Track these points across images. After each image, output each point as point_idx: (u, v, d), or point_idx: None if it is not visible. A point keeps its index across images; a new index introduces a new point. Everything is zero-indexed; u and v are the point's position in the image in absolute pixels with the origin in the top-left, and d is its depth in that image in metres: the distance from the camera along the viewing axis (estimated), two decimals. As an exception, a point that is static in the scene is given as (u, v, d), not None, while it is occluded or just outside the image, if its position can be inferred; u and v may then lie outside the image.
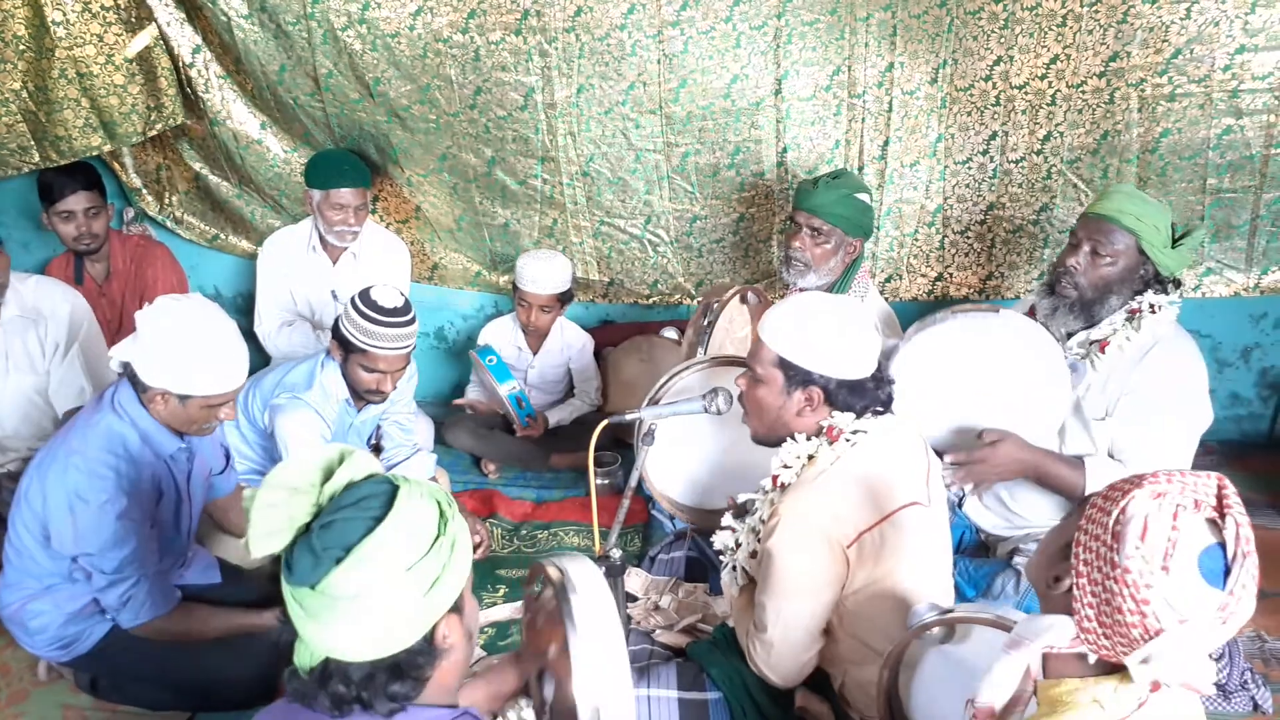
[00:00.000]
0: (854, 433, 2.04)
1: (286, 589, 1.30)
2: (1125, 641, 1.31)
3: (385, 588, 1.26)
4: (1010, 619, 1.73)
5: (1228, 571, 1.29)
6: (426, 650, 1.33)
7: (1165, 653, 1.29)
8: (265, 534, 1.29)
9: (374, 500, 1.31)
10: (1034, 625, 1.42)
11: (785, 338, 2.05)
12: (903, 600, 1.98)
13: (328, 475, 1.33)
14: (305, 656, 1.33)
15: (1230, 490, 1.34)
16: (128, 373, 2.29)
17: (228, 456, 2.76)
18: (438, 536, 1.32)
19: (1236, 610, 1.30)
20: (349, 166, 3.63)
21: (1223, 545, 1.29)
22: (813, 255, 3.05)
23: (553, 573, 1.60)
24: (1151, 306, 2.54)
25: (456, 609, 1.37)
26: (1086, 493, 2.44)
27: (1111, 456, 2.56)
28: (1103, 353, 2.57)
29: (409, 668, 1.32)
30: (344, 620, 1.26)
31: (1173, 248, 2.54)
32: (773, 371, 2.07)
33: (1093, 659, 1.37)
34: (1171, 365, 2.53)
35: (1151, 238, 2.50)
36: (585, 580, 1.58)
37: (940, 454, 2.54)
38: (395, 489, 1.33)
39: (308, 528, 1.30)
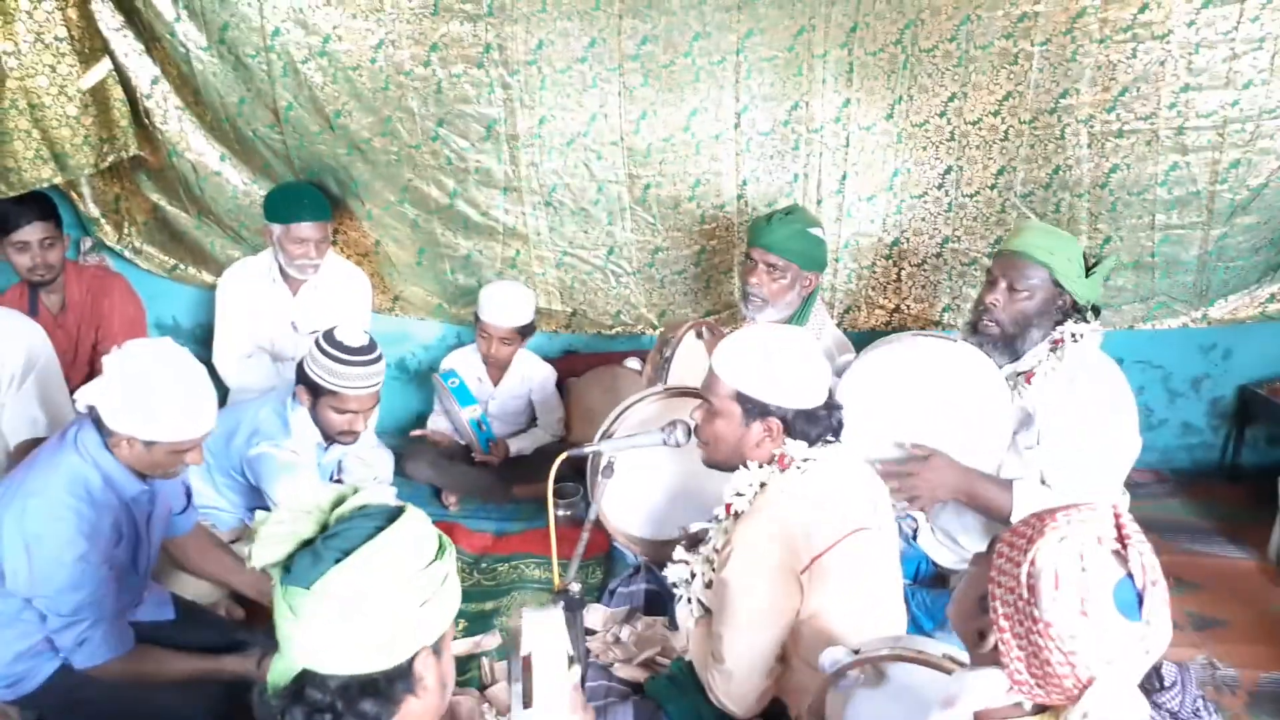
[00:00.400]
0: (804, 460, 2.06)
1: (279, 594, 1.31)
2: (1060, 690, 1.32)
3: (379, 594, 1.29)
4: (920, 647, 1.73)
5: (1141, 601, 1.31)
6: (404, 676, 1.34)
7: (1102, 700, 1.30)
8: (268, 546, 1.33)
9: (380, 514, 1.36)
10: (966, 681, 1.42)
11: (742, 371, 2.07)
12: (856, 625, 2.00)
13: (338, 503, 1.38)
14: (280, 673, 1.33)
15: (1127, 518, 1.36)
16: (92, 415, 2.26)
17: (189, 495, 2.72)
18: (435, 560, 1.37)
19: (1156, 637, 1.32)
20: (309, 200, 3.62)
21: (1131, 576, 1.31)
22: (769, 291, 3.08)
23: (513, 624, 1.65)
24: (1074, 336, 2.61)
25: (437, 650, 1.39)
26: (1012, 517, 2.49)
27: (1043, 483, 2.60)
28: (1029, 384, 2.63)
29: (384, 687, 1.33)
30: (332, 624, 1.28)
31: (1086, 277, 2.62)
32: (730, 405, 2.08)
33: (1028, 705, 1.38)
34: (1097, 392, 2.59)
35: (1064, 269, 2.58)
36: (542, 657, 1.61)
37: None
38: (402, 509, 1.38)
39: (310, 541, 1.34)
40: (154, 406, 2.20)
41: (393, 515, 1.37)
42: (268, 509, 2.69)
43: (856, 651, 1.77)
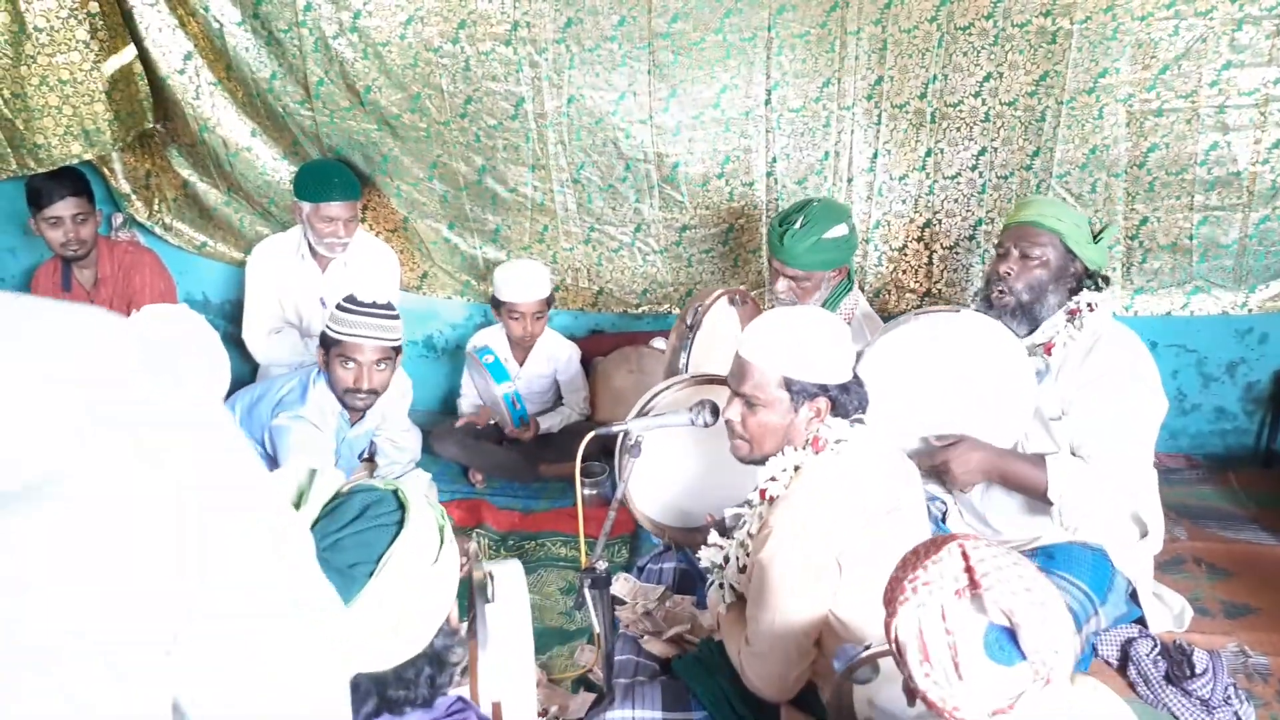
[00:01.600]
0: (838, 441, 2.05)
1: None
2: None
3: (419, 586, 1.30)
4: None
5: (1015, 639, 1.25)
6: (450, 634, 1.38)
7: None
8: None
9: (383, 506, 1.33)
10: None
11: (784, 356, 2.05)
12: None
13: (299, 499, 1.34)
14: None
15: (975, 555, 1.30)
16: None
17: None
18: (441, 526, 1.37)
19: (1053, 663, 1.26)
20: (339, 179, 3.62)
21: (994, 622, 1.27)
22: (796, 296, 3.05)
23: (476, 576, 1.64)
24: (1089, 305, 2.61)
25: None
26: (1049, 492, 2.47)
27: (1074, 453, 2.57)
28: (1049, 355, 2.62)
29: (446, 655, 1.36)
30: (378, 631, 1.28)
31: (1094, 243, 2.63)
32: (777, 393, 2.06)
33: None
34: (1118, 357, 2.57)
35: (1074, 234, 2.60)
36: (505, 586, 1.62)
37: None
38: (394, 492, 1.35)
39: None
40: None
41: (399, 504, 1.34)
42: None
43: (868, 646, 1.75)
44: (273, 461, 3.07)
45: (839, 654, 1.77)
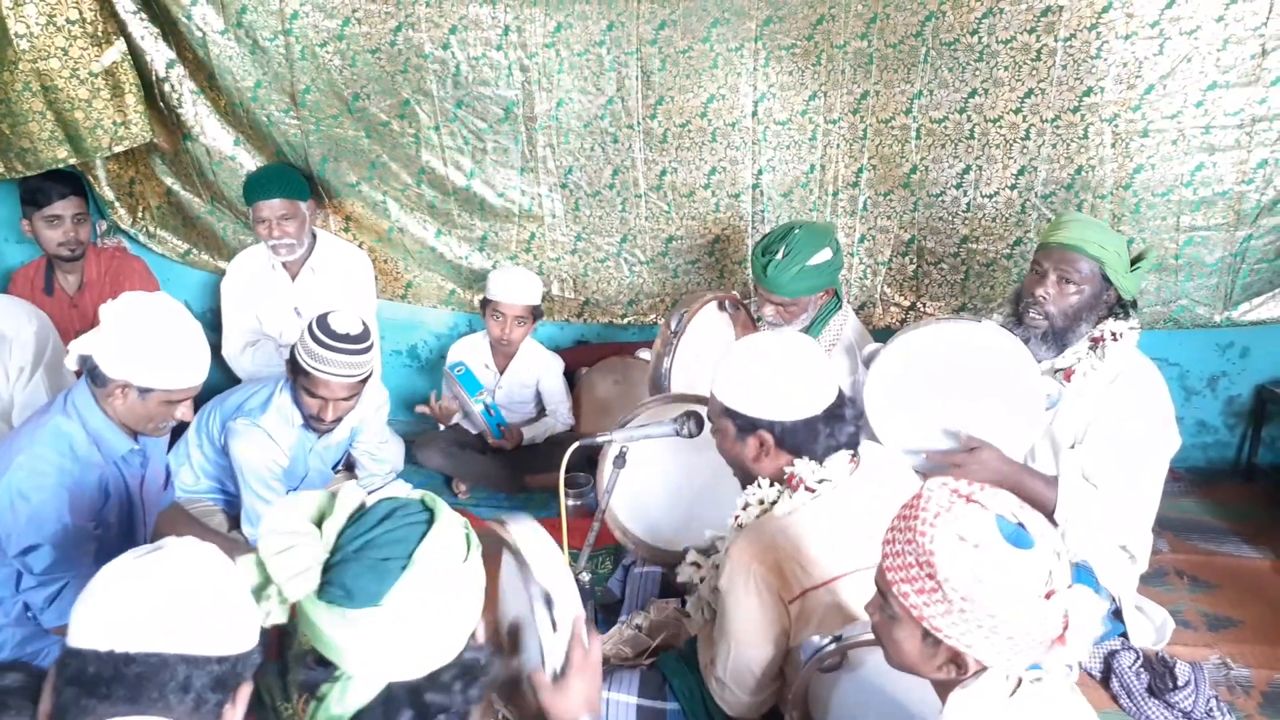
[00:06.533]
0: (820, 482, 1.94)
1: (339, 621, 1.28)
2: (1044, 639, 1.34)
3: (450, 585, 1.30)
4: None
5: (1024, 529, 1.34)
6: (481, 649, 1.37)
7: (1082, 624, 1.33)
8: (294, 575, 1.28)
9: (410, 509, 1.34)
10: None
11: (728, 386, 1.99)
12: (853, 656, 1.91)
13: (320, 518, 1.34)
14: (352, 699, 1.30)
15: (947, 480, 1.40)
16: (86, 367, 2.26)
17: (168, 474, 2.73)
18: (467, 533, 1.37)
19: (1060, 552, 1.36)
20: (269, 179, 3.57)
21: (1000, 515, 1.35)
22: (784, 319, 3.04)
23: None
24: (1114, 334, 2.56)
25: None
26: (1056, 513, 2.46)
27: (1086, 479, 2.56)
28: (1069, 381, 2.58)
29: (475, 669, 1.35)
30: (413, 633, 1.28)
31: (1131, 271, 2.58)
32: (723, 421, 2.01)
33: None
34: (1140, 392, 2.55)
35: (1114, 263, 2.53)
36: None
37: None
38: (420, 499, 1.37)
39: (330, 564, 1.30)
40: (151, 352, 2.21)
41: (424, 506, 1.36)
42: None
43: (838, 638, 1.74)
44: (227, 459, 3.04)
45: (805, 647, 1.76)
